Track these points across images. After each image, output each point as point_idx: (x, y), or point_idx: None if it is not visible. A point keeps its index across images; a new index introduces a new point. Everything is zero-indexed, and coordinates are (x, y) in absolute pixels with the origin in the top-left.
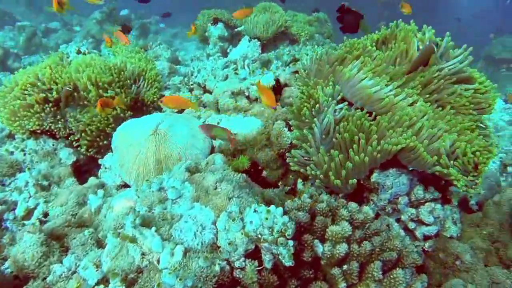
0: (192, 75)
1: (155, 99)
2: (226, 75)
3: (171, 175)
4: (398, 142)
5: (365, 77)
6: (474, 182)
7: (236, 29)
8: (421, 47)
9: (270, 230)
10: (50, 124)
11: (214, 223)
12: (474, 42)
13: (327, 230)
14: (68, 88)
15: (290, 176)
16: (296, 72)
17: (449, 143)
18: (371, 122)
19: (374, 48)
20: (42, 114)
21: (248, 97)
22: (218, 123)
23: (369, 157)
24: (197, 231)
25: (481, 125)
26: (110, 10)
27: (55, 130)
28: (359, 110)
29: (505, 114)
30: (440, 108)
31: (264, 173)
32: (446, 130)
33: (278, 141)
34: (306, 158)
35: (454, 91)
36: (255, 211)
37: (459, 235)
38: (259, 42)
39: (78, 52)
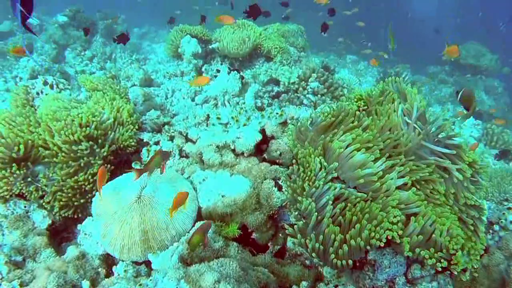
0: (166, 98)
1: (132, 143)
2: (207, 115)
3: (164, 267)
4: (381, 237)
5: (356, 153)
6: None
7: (210, 46)
8: (407, 119)
9: None
10: (21, 187)
11: None
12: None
13: None
14: None
15: (280, 235)
16: (284, 123)
17: (441, 238)
18: (367, 204)
19: (364, 115)
20: (11, 178)
21: (233, 151)
22: (204, 180)
23: (365, 242)
24: None
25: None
26: (74, 13)
27: (26, 194)
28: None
29: (475, 130)
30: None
31: (254, 235)
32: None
33: (268, 203)
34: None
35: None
36: None
37: None
38: (239, 74)
39: (45, 83)
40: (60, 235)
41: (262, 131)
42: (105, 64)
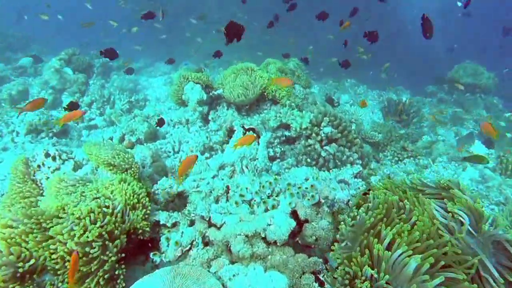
0: (174, 152)
1: (146, 228)
2: (227, 187)
3: None
4: None
5: (408, 260)
6: None
7: (215, 92)
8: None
9: None
10: None
11: None
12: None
13: None
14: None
15: None
16: (317, 204)
17: None
18: None
19: (409, 205)
20: None
21: (264, 238)
22: (234, 276)
23: None
24: None
25: None
26: (70, 56)
27: None
28: None
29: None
30: None
31: None
32: None
33: None
34: None
35: None
36: None
37: None
38: (254, 134)
39: (46, 155)
40: None
41: (294, 212)
42: (105, 109)
